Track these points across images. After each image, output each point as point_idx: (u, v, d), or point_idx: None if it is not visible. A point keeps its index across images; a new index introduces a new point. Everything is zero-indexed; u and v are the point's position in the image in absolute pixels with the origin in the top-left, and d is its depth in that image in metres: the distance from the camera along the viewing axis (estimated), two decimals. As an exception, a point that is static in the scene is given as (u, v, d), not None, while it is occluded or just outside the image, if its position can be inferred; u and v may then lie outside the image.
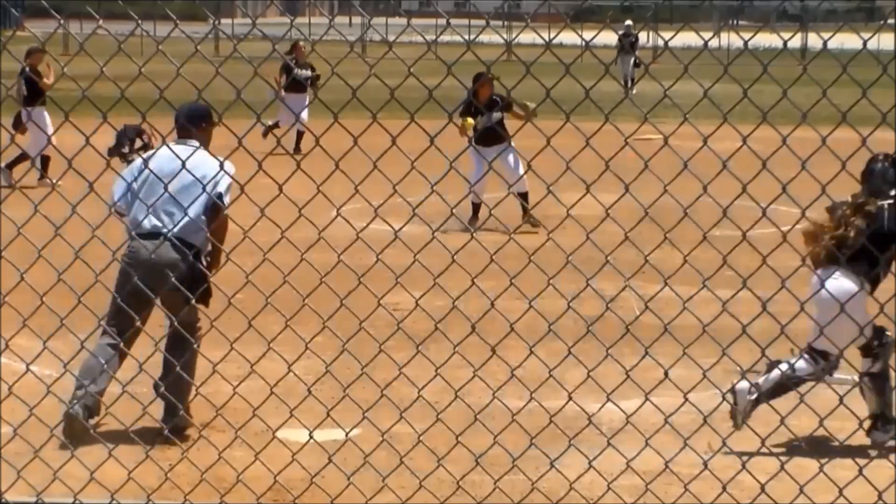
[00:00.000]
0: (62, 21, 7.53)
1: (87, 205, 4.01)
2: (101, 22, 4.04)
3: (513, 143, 15.01)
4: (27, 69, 17.99)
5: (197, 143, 7.07)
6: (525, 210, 15.03)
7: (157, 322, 6.17)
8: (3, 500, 4.66)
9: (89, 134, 3.82)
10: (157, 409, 5.84)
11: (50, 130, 17.64)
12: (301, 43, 23.05)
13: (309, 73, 21.83)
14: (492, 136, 15.08)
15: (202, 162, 6.62)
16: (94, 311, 4.55)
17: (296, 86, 21.57)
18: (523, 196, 15.07)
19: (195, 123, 7.37)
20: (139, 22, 3.99)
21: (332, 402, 7.18)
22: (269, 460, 6.29)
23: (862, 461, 4.36)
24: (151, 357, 5.13)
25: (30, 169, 17.46)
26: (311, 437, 6.26)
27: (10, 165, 18.38)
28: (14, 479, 4.90)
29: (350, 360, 6.71)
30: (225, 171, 6.73)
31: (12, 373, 5.60)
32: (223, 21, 62.77)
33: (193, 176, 6.08)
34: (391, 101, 3.75)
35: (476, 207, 15.59)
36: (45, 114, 17.79)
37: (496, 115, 15.36)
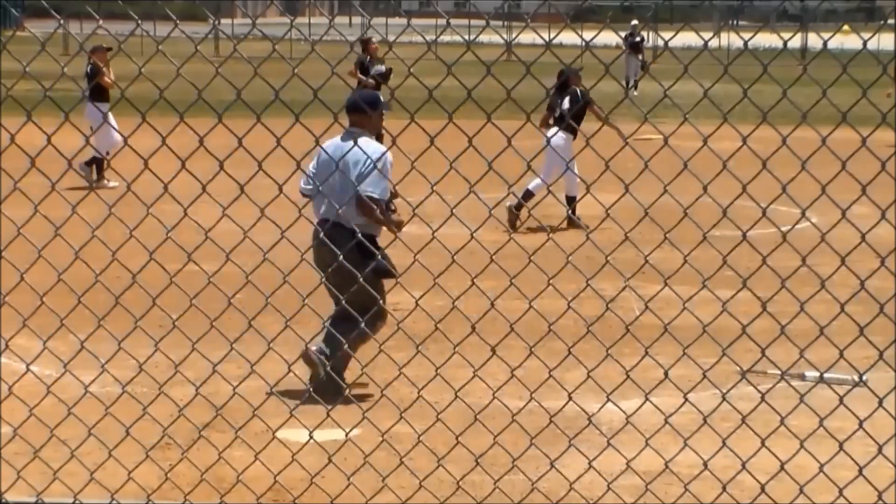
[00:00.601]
0: (62, 21, 7.52)
1: (87, 205, 4.01)
2: (101, 22, 4.04)
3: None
4: (90, 66, 18.35)
5: (361, 131, 7.76)
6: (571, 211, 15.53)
7: (157, 322, 6.16)
8: (3, 500, 4.66)
9: (89, 135, 3.82)
10: (158, 409, 5.83)
11: (106, 130, 17.92)
12: (374, 40, 23.05)
13: (383, 68, 21.74)
14: (568, 124, 15.41)
15: (357, 151, 7.27)
16: (94, 311, 4.55)
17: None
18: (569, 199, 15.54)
19: (359, 109, 7.88)
20: (139, 22, 3.99)
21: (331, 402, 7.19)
22: (269, 460, 6.29)
23: (862, 461, 4.35)
24: (151, 357, 5.13)
25: (106, 167, 17.93)
26: (311, 437, 6.26)
27: (89, 163, 18.66)
28: (14, 479, 4.90)
29: (350, 360, 6.72)
30: (373, 161, 7.39)
31: (12, 373, 5.60)
32: (223, 21, 62.76)
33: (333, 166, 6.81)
34: (391, 101, 3.75)
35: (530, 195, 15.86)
36: (106, 113, 17.85)
37: (566, 105, 15.88)
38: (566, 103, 15.83)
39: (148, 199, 4.15)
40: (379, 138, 8.77)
